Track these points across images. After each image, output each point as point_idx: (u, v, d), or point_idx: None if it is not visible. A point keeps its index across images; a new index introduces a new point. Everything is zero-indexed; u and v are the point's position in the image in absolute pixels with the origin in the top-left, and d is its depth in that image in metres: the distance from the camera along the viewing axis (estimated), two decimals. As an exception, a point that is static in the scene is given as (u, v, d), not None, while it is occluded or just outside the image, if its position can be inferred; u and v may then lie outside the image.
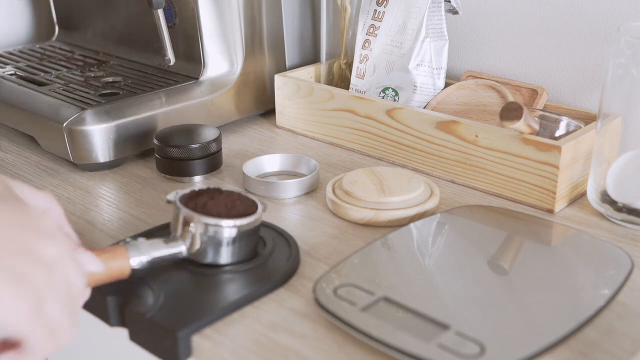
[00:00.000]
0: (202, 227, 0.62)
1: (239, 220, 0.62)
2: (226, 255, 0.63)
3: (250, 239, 0.64)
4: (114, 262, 0.57)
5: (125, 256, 0.58)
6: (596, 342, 0.57)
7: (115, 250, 0.58)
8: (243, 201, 0.65)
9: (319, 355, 0.56)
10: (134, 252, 0.59)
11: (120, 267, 0.58)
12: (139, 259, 0.59)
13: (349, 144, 0.94)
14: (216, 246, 0.63)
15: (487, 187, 0.82)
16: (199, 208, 0.63)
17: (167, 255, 0.61)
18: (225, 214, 0.63)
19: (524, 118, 0.73)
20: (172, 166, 0.85)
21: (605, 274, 0.63)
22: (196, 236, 0.62)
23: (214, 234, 0.62)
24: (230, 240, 0.63)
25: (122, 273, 0.58)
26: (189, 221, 0.62)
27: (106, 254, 0.57)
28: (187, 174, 0.85)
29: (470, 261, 0.65)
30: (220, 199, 0.65)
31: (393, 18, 0.94)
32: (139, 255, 0.59)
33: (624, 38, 0.71)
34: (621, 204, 0.74)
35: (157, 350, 0.59)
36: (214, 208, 0.63)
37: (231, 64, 1.00)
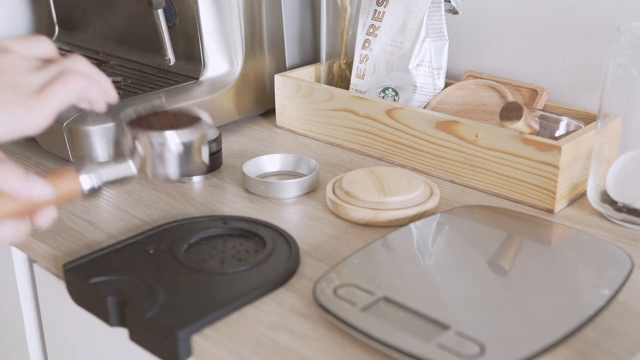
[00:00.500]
0: (148, 142, 0.62)
1: (181, 131, 0.62)
2: (174, 168, 0.63)
3: (196, 150, 0.64)
4: (64, 184, 0.58)
5: (75, 177, 0.59)
6: (596, 342, 0.57)
7: (65, 172, 0.59)
8: (188, 117, 0.65)
9: (319, 355, 0.56)
10: (84, 172, 0.60)
11: (71, 189, 0.59)
12: (89, 179, 0.60)
13: (349, 144, 0.94)
14: (163, 159, 0.62)
15: (487, 187, 0.82)
16: (144, 127, 0.63)
17: (117, 173, 0.62)
18: (168, 128, 0.63)
19: (524, 118, 0.73)
20: (172, 166, 0.85)
21: (605, 274, 0.63)
22: (143, 152, 0.62)
23: (160, 148, 0.62)
24: (176, 152, 0.62)
25: (73, 195, 0.59)
26: (136, 138, 0.62)
27: (55, 178, 0.58)
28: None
29: (470, 261, 0.65)
30: (165, 117, 0.66)
31: (393, 18, 0.94)
32: (88, 175, 0.60)
33: (624, 38, 0.71)
34: (621, 204, 0.74)
35: (157, 350, 0.59)
36: (158, 125, 0.64)
37: (231, 64, 1.00)
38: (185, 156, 0.63)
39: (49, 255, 0.71)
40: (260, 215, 0.77)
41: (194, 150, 0.63)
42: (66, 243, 0.72)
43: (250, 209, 0.79)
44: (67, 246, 0.72)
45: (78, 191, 0.59)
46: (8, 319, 0.84)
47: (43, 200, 0.57)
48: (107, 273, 0.64)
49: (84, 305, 0.65)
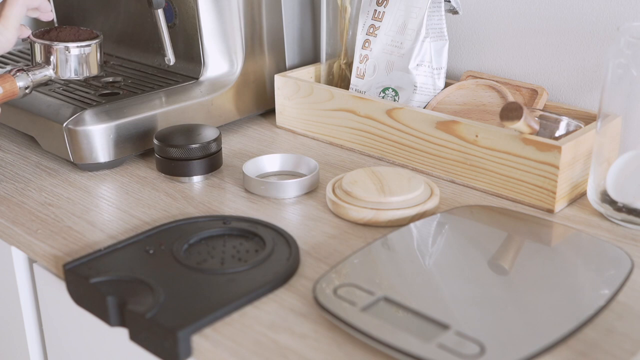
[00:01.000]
0: (61, 51, 0.85)
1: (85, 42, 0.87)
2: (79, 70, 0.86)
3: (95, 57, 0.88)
4: (5, 85, 0.80)
5: (13, 81, 0.81)
6: (596, 342, 0.57)
7: (4, 75, 0.81)
8: (85, 32, 0.89)
9: (319, 355, 0.56)
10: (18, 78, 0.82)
11: (11, 90, 0.81)
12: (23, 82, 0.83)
13: (349, 144, 0.94)
14: (71, 63, 0.86)
15: (487, 187, 0.82)
16: (53, 40, 0.86)
17: (41, 76, 0.85)
18: (72, 40, 0.87)
19: (524, 118, 0.73)
20: (172, 166, 0.85)
21: (605, 273, 0.63)
22: (56, 58, 0.85)
23: (69, 55, 0.86)
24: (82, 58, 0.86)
25: (12, 94, 0.82)
26: (50, 49, 0.85)
27: None
28: (187, 174, 0.85)
29: (470, 261, 0.65)
30: (66, 31, 0.88)
31: (393, 18, 0.95)
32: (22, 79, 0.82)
33: (624, 38, 0.71)
34: (621, 204, 0.74)
35: (157, 350, 0.59)
36: (64, 38, 0.87)
37: (231, 64, 1.00)
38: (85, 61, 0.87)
39: (49, 255, 0.71)
40: (260, 215, 0.77)
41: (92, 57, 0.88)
42: (66, 243, 0.72)
43: (250, 209, 0.79)
44: (67, 246, 0.72)
45: (16, 90, 0.82)
46: (8, 319, 0.84)
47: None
48: (107, 273, 0.64)
49: (84, 305, 0.65)
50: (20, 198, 0.81)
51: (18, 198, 0.81)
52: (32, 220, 0.77)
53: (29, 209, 0.79)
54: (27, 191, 0.83)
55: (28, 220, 0.77)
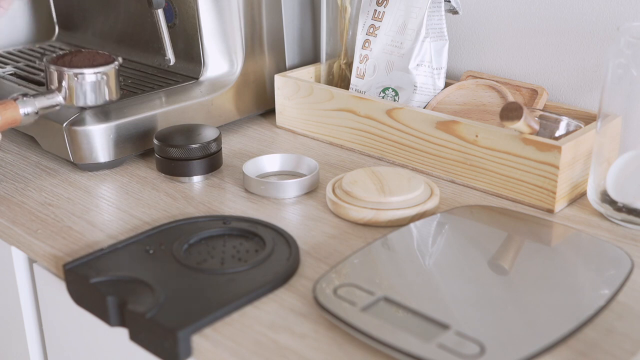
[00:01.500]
0: (73, 77, 0.81)
1: (100, 68, 0.83)
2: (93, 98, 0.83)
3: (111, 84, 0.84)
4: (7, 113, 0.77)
5: (15, 108, 0.78)
6: (596, 342, 0.57)
7: (7, 102, 0.78)
8: (102, 56, 0.85)
9: (319, 355, 0.56)
10: (22, 105, 0.79)
11: (13, 117, 0.78)
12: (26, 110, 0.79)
13: (349, 144, 0.94)
14: (84, 90, 0.82)
15: (487, 187, 0.82)
16: (67, 65, 0.82)
17: (48, 103, 0.81)
18: (87, 65, 0.82)
19: (524, 118, 0.73)
20: (172, 166, 0.85)
21: (605, 273, 0.63)
22: (67, 85, 0.82)
23: (82, 81, 0.82)
24: (95, 85, 0.82)
25: (14, 122, 0.78)
26: (61, 75, 0.81)
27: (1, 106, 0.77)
28: (187, 174, 0.85)
29: (470, 261, 0.65)
30: (82, 56, 0.84)
31: (393, 18, 0.95)
32: (26, 107, 0.79)
33: (624, 38, 0.71)
34: (621, 204, 0.74)
35: (157, 350, 0.59)
36: (78, 63, 0.83)
37: (231, 64, 1.00)
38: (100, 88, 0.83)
39: (49, 255, 0.71)
40: (260, 215, 0.77)
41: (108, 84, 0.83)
42: (66, 243, 0.72)
43: (250, 209, 0.79)
44: (67, 246, 0.72)
45: (18, 118, 0.78)
46: (8, 319, 0.84)
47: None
48: (107, 273, 0.64)
49: (84, 305, 0.65)
50: (20, 198, 0.81)
51: (18, 198, 0.81)
52: (32, 220, 0.77)
53: (29, 209, 0.79)
54: (27, 191, 0.83)
55: (28, 220, 0.77)
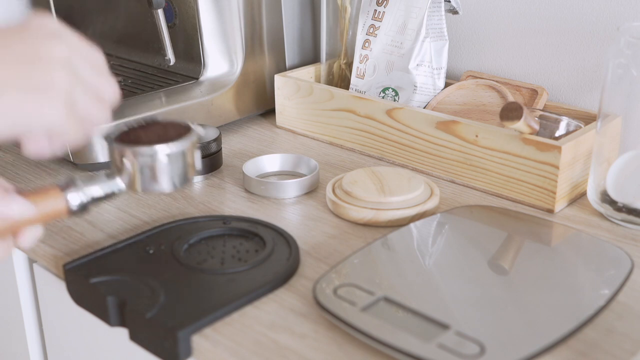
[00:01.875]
0: (134, 156, 0.60)
1: (169, 144, 0.60)
2: (163, 183, 0.61)
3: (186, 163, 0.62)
4: (48, 203, 0.56)
5: (59, 195, 0.57)
6: (596, 342, 0.57)
7: (48, 190, 0.57)
8: (176, 127, 0.63)
9: (319, 355, 0.56)
10: (71, 192, 0.57)
11: (55, 207, 0.57)
12: (75, 197, 0.57)
13: (349, 144, 0.94)
14: (152, 173, 0.60)
15: (487, 187, 0.82)
16: (132, 141, 0.61)
17: (104, 189, 0.60)
18: (156, 141, 0.60)
19: (524, 118, 0.73)
20: (172, 166, 0.84)
21: (605, 273, 0.63)
22: (130, 166, 0.60)
23: (147, 161, 0.60)
24: (164, 166, 0.60)
25: (58, 213, 0.57)
26: (123, 154, 0.60)
27: (38, 195, 0.56)
28: (187, 174, 0.84)
29: (470, 261, 0.65)
30: (152, 128, 0.63)
31: (393, 18, 0.94)
32: (74, 192, 0.58)
33: (624, 38, 0.71)
34: (621, 204, 0.74)
35: (157, 350, 0.59)
36: (146, 138, 0.61)
37: (231, 64, 1.00)
38: (175, 168, 0.61)
39: (49, 255, 0.71)
40: (260, 215, 0.77)
41: (184, 162, 0.61)
42: (66, 243, 0.72)
43: (250, 209, 0.79)
44: (67, 246, 0.72)
45: (63, 209, 0.57)
46: (8, 319, 0.84)
47: (23, 219, 0.55)
48: (107, 273, 0.64)
49: (84, 305, 0.65)
50: (20, 198, 0.81)
51: None
52: (32, 220, 0.77)
53: (29, 209, 0.79)
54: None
55: (28, 220, 0.77)
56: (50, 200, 0.57)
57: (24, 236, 0.56)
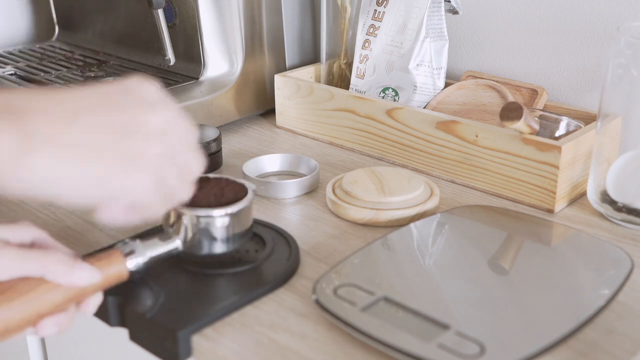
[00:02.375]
0: (194, 220, 0.61)
1: (229, 208, 0.61)
2: (222, 245, 0.62)
3: (244, 225, 0.63)
4: (111, 268, 0.57)
5: (121, 260, 0.58)
6: (596, 342, 0.57)
7: (111, 255, 0.57)
8: (231, 187, 0.64)
9: (319, 356, 0.56)
10: (130, 254, 0.58)
11: (118, 272, 0.57)
12: (136, 261, 0.58)
13: (349, 144, 0.94)
14: (211, 237, 0.62)
15: (487, 187, 0.82)
16: (189, 200, 0.61)
17: (164, 252, 0.61)
18: (215, 203, 0.62)
19: (524, 118, 0.73)
20: (172, 166, 0.85)
21: (605, 273, 0.63)
22: (189, 229, 0.61)
23: (207, 225, 0.61)
24: (224, 229, 0.62)
25: (120, 277, 0.58)
26: (181, 215, 0.61)
27: (102, 261, 0.56)
28: (187, 174, 0.84)
29: (471, 261, 0.65)
30: (208, 187, 0.64)
31: (393, 18, 0.94)
32: (135, 257, 0.58)
33: (624, 38, 0.71)
34: (621, 204, 0.74)
35: (157, 350, 0.59)
36: (203, 198, 0.62)
37: (231, 64, 1.00)
38: (235, 230, 0.62)
39: (49, 255, 0.71)
40: (260, 215, 0.77)
41: (242, 223, 0.63)
42: (66, 243, 0.72)
43: (250, 209, 0.78)
44: (67, 246, 0.71)
45: (125, 273, 0.58)
46: (8, 319, 0.84)
47: (91, 286, 0.55)
48: (107, 273, 0.64)
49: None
50: (20, 198, 0.81)
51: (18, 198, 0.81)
52: (32, 220, 0.77)
53: (29, 209, 0.79)
54: (27, 191, 0.83)
55: (28, 220, 0.77)
56: (113, 266, 0.57)
57: (88, 304, 0.55)
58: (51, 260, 0.53)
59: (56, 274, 0.53)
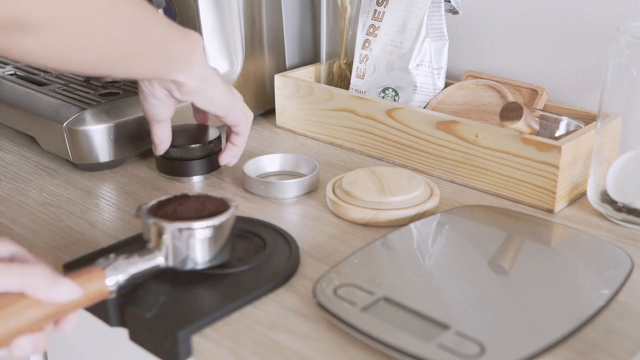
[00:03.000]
0: (176, 233, 0.60)
1: (211, 220, 0.61)
2: (204, 258, 0.62)
3: (226, 239, 0.63)
4: (91, 285, 0.55)
5: (102, 277, 0.56)
6: (596, 342, 0.57)
7: (91, 272, 0.56)
8: (212, 202, 0.64)
9: (319, 356, 0.56)
10: (111, 272, 0.57)
11: (98, 290, 0.56)
12: (116, 279, 0.57)
13: (349, 144, 0.94)
14: (193, 250, 0.61)
15: (487, 187, 0.82)
16: (169, 215, 0.62)
17: (146, 269, 0.60)
18: (196, 217, 0.61)
19: (524, 118, 0.73)
20: (172, 166, 0.85)
21: (605, 273, 0.63)
22: (171, 244, 0.60)
23: (189, 238, 0.60)
24: (205, 242, 0.61)
25: (101, 295, 0.56)
26: (162, 230, 0.60)
27: (82, 278, 0.55)
28: (187, 174, 0.85)
29: (471, 261, 0.65)
30: (188, 203, 0.64)
31: (393, 18, 0.94)
32: (116, 274, 0.57)
33: (624, 38, 0.71)
34: (621, 204, 0.74)
35: (157, 350, 0.59)
36: (184, 213, 0.62)
37: (231, 64, 1.00)
38: (217, 245, 0.62)
39: (48, 255, 0.71)
40: (260, 215, 0.77)
41: (222, 238, 0.62)
42: (66, 243, 0.72)
43: (250, 209, 0.78)
44: (67, 246, 0.72)
45: (105, 291, 0.56)
46: (8, 319, 0.84)
47: (71, 303, 0.53)
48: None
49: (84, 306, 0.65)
50: (20, 198, 0.81)
51: (18, 198, 0.81)
52: (32, 220, 0.77)
53: (29, 209, 0.79)
54: (27, 191, 0.83)
55: (28, 220, 0.77)
56: (94, 283, 0.56)
57: (66, 322, 0.54)
58: (32, 274, 0.52)
59: (37, 288, 0.51)
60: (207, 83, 0.75)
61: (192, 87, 0.74)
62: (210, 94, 0.77)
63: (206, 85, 0.75)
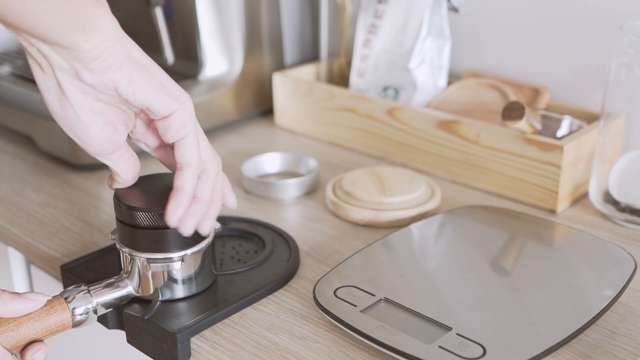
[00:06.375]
0: (146, 263, 0.56)
1: (184, 251, 0.57)
2: (179, 289, 0.59)
3: (203, 267, 0.59)
4: (52, 318, 0.53)
5: (65, 308, 0.54)
6: (599, 343, 0.56)
7: (53, 302, 0.53)
8: None
9: (319, 357, 0.55)
10: (75, 303, 0.54)
11: (61, 322, 0.53)
12: (80, 310, 0.54)
13: (349, 143, 0.94)
14: (166, 281, 0.58)
15: (489, 187, 0.81)
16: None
17: (114, 298, 0.57)
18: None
19: (526, 117, 0.73)
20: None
21: (608, 275, 0.62)
22: (143, 274, 0.57)
23: (162, 269, 0.57)
24: (180, 273, 0.58)
25: (63, 326, 0.54)
26: (133, 260, 0.57)
27: (43, 308, 0.53)
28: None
29: (472, 262, 0.65)
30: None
31: (394, 17, 0.94)
32: (78, 306, 0.54)
33: (627, 37, 0.71)
34: (624, 205, 0.74)
35: (156, 353, 0.58)
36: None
37: (230, 63, 0.99)
38: (189, 275, 0.59)
39: (46, 256, 0.71)
40: (260, 215, 0.77)
41: (202, 264, 0.59)
42: (63, 244, 0.72)
43: (249, 210, 0.78)
44: (65, 247, 0.71)
45: (69, 324, 0.54)
46: (6, 320, 0.83)
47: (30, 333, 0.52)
48: (105, 274, 0.64)
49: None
50: (18, 199, 0.81)
51: (15, 199, 0.81)
52: (30, 221, 0.76)
53: (27, 210, 0.78)
54: (24, 192, 0.83)
55: (25, 221, 0.76)
56: (55, 315, 0.53)
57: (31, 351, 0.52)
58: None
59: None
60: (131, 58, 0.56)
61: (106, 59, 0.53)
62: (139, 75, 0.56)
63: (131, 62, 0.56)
